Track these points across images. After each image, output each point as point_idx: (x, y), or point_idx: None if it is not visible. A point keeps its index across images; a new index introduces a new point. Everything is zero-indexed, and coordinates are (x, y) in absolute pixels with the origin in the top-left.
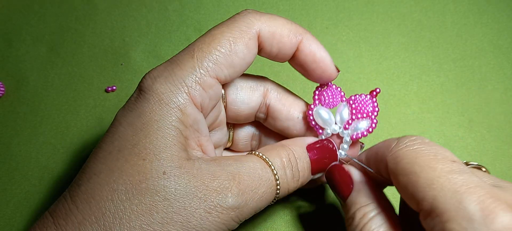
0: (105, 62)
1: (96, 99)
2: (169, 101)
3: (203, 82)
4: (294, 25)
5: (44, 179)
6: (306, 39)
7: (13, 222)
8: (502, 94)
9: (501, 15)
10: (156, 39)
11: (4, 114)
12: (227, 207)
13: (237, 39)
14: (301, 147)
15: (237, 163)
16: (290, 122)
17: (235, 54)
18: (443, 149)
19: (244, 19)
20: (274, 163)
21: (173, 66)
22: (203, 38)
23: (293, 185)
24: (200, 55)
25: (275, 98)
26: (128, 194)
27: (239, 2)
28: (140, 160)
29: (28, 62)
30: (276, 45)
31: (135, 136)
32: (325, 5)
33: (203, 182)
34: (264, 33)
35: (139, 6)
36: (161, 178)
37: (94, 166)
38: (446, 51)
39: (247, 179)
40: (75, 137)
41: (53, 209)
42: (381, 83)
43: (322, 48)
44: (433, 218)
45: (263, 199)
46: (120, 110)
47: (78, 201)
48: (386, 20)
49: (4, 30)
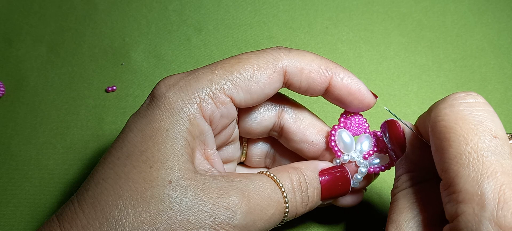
0: (105, 62)
1: (96, 99)
2: (180, 110)
3: (216, 97)
4: (323, 61)
5: (44, 179)
6: (337, 73)
7: (13, 222)
8: (502, 94)
9: (501, 15)
10: (156, 39)
11: (4, 114)
12: (234, 225)
13: (261, 68)
14: (313, 172)
15: (247, 180)
16: (305, 144)
17: (256, 81)
18: (490, 118)
19: (273, 53)
20: (285, 185)
21: (190, 78)
22: (229, 59)
23: (301, 209)
24: (221, 72)
25: (290, 119)
26: (132, 201)
27: (239, 2)
28: (147, 167)
29: (28, 62)
30: (306, 81)
31: (144, 143)
32: (325, 5)
33: (211, 197)
34: (291, 69)
35: (139, 6)
36: (166, 187)
37: (102, 171)
38: (446, 51)
39: (257, 197)
40: (75, 137)
41: (60, 212)
42: (381, 83)
43: (355, 79)
44: (449, 194)
45: (271, 220)
46: (132, 116)
47: (85, 205)
48: (386, 20)
49: (4, 30)
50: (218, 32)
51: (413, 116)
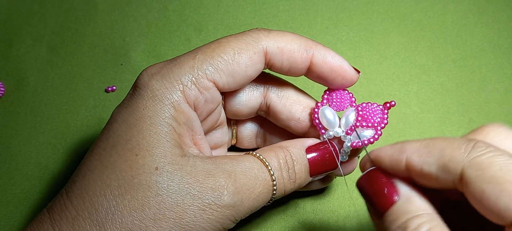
0: (105, 62)
1: (96, 99)
2: (163, 97)
3: (199, 83)
4: (303, 40)
5: (44, 179)
6: (318, 51)
7: (13, 222)
8: (502, 94)
9: (501, 15)
10: (156, 39)
11: (4, 114)
12: (222, 205)
13: (242, 50)
14: (300, 149)
15: (233, 162)
16: (292, 122)
17: (237, 64)
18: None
19: (252, 34)
20: (271, 163)
21: (172, 65)
22: (209, 44)
23: (289, 186)
24: (202, 57)
25: (275, 98)
26: (120, 189)
27: (239, 2)
28: (133, 155)
29: (28, 62)
30: (287, 61)
31: (128, 132)
32: (325, 5)
33: (197, 179)
34: (272, 49)
35: (139, 6)
36: (153, 174)
37: (89, 163)
38: (446, 51)
39: (243, 177)
40: (75, 137)
41: (50, 205)
42: (381, 83)
43: (336, 56)
44: None
45: (259, 199)
46: (117, 107)
47: (73, 196)
48: (386, 20)
49: (4, 30)
50: (218, 32)
51: (413, 116)
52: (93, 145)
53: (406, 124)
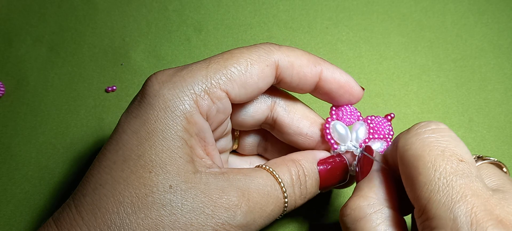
0: (105, 62)
1: (96, 99)
2: (175, 108)
3: (212, 93)
4: (312, 56)
5: (44, 179)
6: (326, 67)
7: (13, 222)
8: (502, 94)
9: (501, 15)
10: (156, 39)
11: (4, 114)
12: (235, 225)
13: (254, 62)
14: (312, 163)
15: (247, 178)
16: (299, 137)
17: (250, 75)
18: (455, 142)
19: (264, 47)
20: (284, 179)
21: (184, 73)
22: (221, 54)
23: (299, 202)
24: (215, 67)
25: (282, 112)
26: (134, 207)
27: (239, 2)
28: (146, 172)
29: (28, 62)
30: (297, 75)
31: (140, 146)
32: (325, 5)
33: (211, 198)
34: (282, 63)
35: (139, 6)
36: (167, 192)
37: (99, 176)
38: (446, 51)
39: (257, 196)
40: (75, 137)
41: (57, 217)
42: (381, 83)
43: (343, 73)
44: (423, 220)
45: (270, 217)
46: (124, 115)
47: (84, 211)
48: (386, 20)
49: (4, 30)
50: (218, 32)
51: (413, 116)
52: (100, 154)
53: (406, 123)
